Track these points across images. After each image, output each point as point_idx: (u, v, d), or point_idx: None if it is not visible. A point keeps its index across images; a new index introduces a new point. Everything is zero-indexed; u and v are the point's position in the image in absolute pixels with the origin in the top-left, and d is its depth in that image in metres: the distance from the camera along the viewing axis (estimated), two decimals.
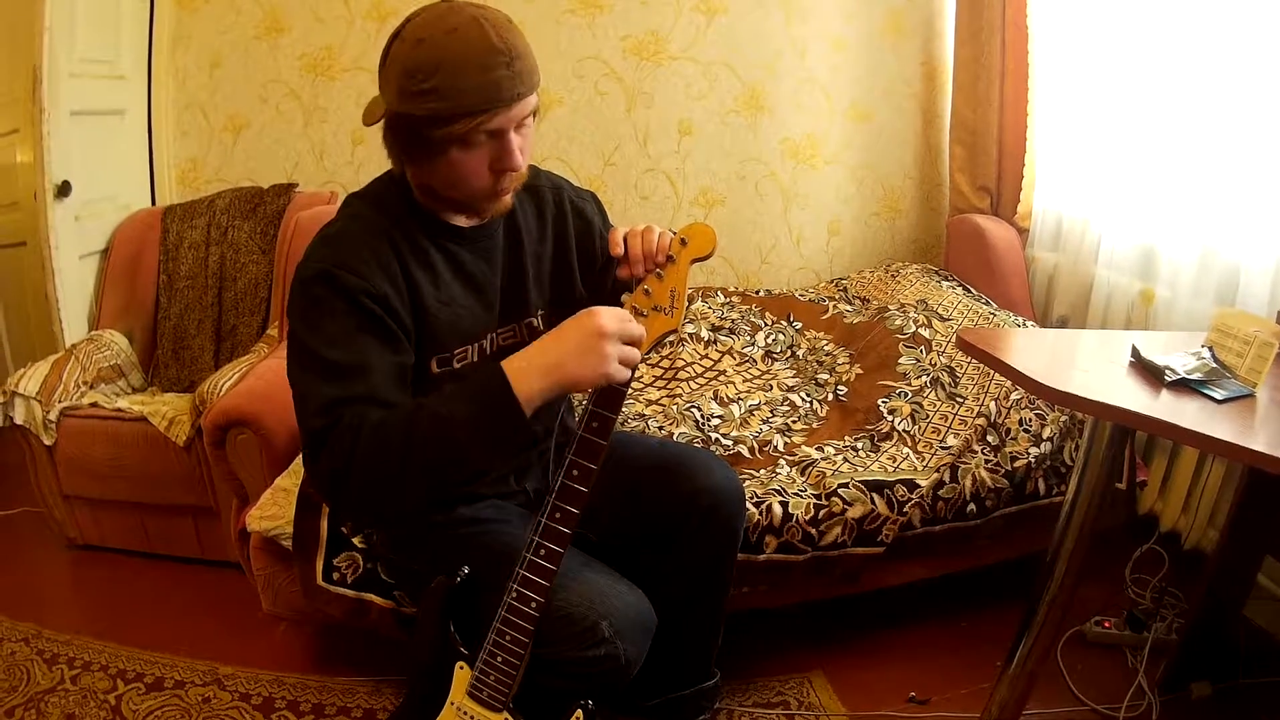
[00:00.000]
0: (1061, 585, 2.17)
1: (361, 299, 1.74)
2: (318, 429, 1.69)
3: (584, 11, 3.99)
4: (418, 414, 1.67)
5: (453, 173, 1.77)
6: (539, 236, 2.08)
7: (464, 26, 1.65)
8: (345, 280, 1.74)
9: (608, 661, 1.84)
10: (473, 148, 1.73)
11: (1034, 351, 2.35)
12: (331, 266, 1.75)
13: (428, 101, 1.66)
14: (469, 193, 1.82)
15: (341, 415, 1.67)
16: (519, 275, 2.05)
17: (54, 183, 3.47)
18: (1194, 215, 3.05)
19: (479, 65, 1.64)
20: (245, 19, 3.97)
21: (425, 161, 1.78)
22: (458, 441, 1.65)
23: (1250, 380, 1.98)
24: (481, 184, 1.80)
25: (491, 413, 1.65)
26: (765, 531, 2.55)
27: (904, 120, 4.35)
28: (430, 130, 1.69)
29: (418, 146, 1.75)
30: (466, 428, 1.64)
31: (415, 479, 1.66)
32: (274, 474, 2.75)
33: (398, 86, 1.69)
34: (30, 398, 3.22)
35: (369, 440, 1.64)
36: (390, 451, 1.64)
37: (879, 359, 3.37)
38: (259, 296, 3.82)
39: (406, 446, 1.64)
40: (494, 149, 1.75)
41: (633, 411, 3.28)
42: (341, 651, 2.86)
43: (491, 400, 1.66)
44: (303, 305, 1.77)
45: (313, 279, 1.75)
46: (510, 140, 1.75)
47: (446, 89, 1.65)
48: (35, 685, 2.68)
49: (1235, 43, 2.84)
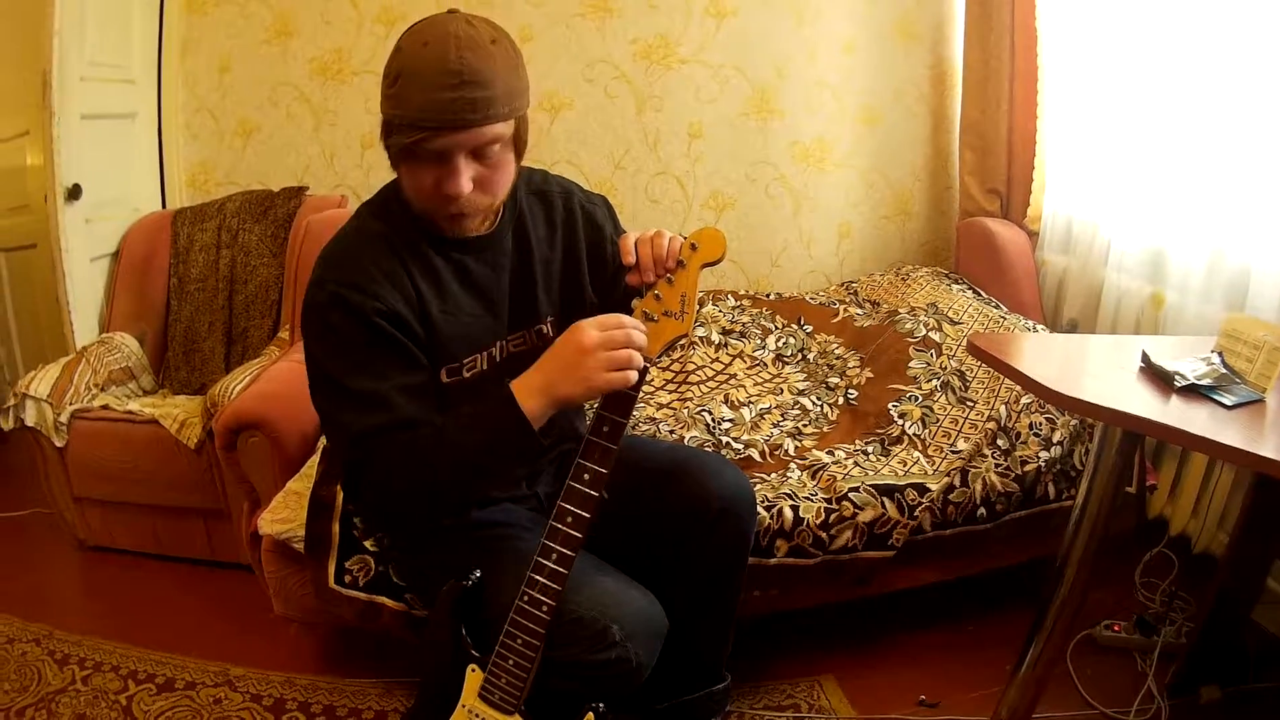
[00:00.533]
0: (1071, 589, 2.17)
1: (374, 319, 1.78)
2: (353, 461, 1.84)
3: (593, 15, 3.99)
4: (438, 442, 1.77)
5: (409, 184, 1.81)
6: (549, 243, 2.09)
7: (435, 41, 1.67)
8: (357, 301, 1.77)
9: (619, 665, 1.84)
10: (420, 163, 1.75)
11: (1044, 357, 2.35)
12: (342, 289, 1.78)
13: (390, 105, 1.71)
14: (424, 208, 1.84)
15: (373, 447, 1.79)
16: (528, 282, 2.05)
17: (64, 186, 3.48)
18: (1204, 219, 3.04)
19: (429, 83, 1.66)
20: (255, 23, 3.98)
21: (395, 166, 1.83)
22: (477, 465, 1.80)
23: (1260, 385, 1.98)
24: (427, 203, 1.81)
25: (504, 435, 1.76)
26: (776, 535, 2.55)
27: (914, 123, 4.35)
28: (390, 134, 1.74)
29: (387, 149, 1.79)
30: (483, 452, 1.78)
31: (445, 496, 1.87)
32: (285, 477, 2.75)
33: (382, 87, 1.75)
34: (41, 400, 3.23)
35: (400, 469, 1.80)
36: (420, 478, 1.80)
37: (889, 363, 3.37)
38: (270, 299, 3.83)
39: (434, 472, 1.78)
40: (438, 170, 1.75)
41: (643, 415, 3.28)
42: (353, 653, 2.86)
43: (500, 424, 1.76)
44: (318, 330, 1.82)
45: (326, 305, 1.79)
46: (457, 165, 1.74)
47: (400, 96, 1.68)
48: (47, 686, 2.69)
49: (1245, 47, 2.83)
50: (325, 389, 1.84)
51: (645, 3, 4.01)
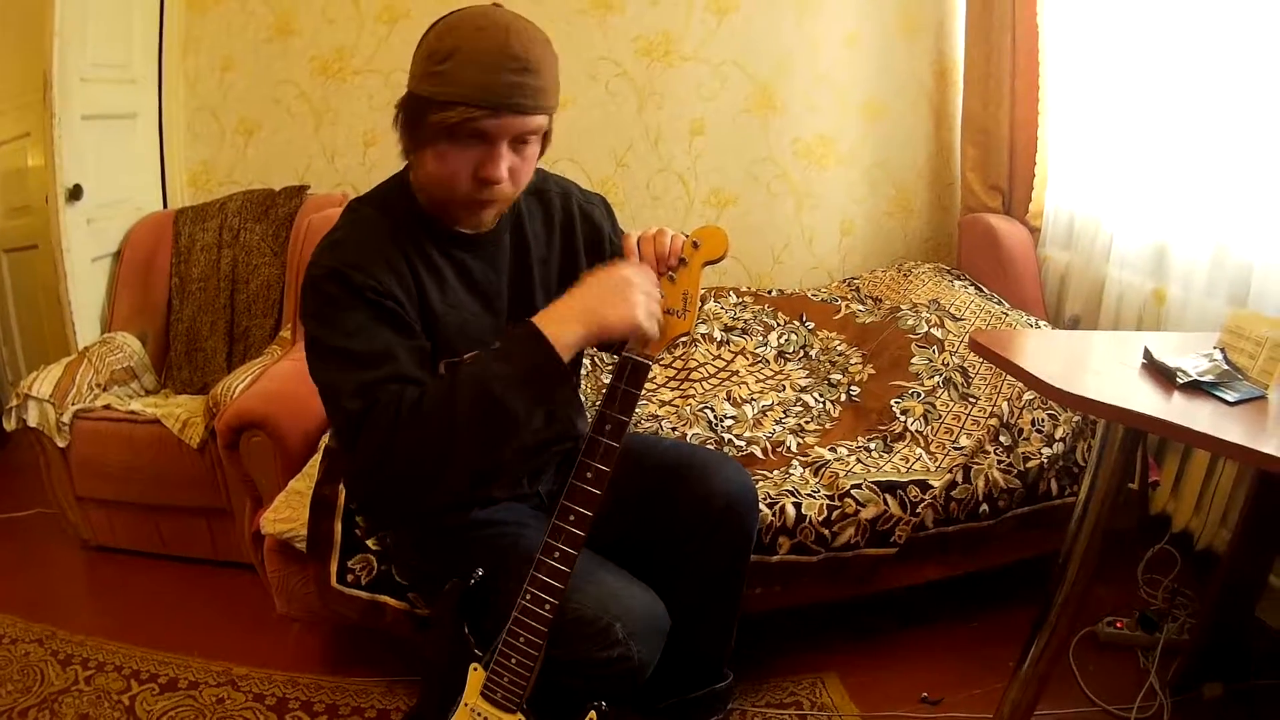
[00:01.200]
0: (1074, 586, 2.17)
1: (372, 295, 1.75)
2: (354, 411, 1.69)
3: (595, 12, 3.99)
4: (456, 381, 1.68)
5: (437, 167, 1.77)
6: (546, 242, 2.09)
7: (492, 28, 1.68)
8: (355, 278, 1.75)
9: (621, 663, 1.84)
10: (460, 144, 1.73)
11: (1046, 354, 2.35)
12: (341, 266, 1.76)
13: (434, 83, 1.69)
14: (448, 194, 1.82)
15: (377, 396, 1.69)
16: (526, 282, 2.05)
17: (66, 186, 3.49)
18: (1206, 214, 3.03)
19: (490, 64, 1.66)
20: (256, 21, 3.98)
21: (419, 149, 1.79)
22: (499, 399, 1.65)
23: (1262, 382, 1.98)
24: (461, 188, 1.79)
25: (530, 365, 1.68)
26: (778, 532, 2.55)
27: (916, 119, 4.35)
28: (427, 112, 1.71)
29: (415, 129, 1.76)
30: (507, 383, 1.66)
31: (461, 449, 1.68)
32: (288, 476, 2.75)
33: (417, 66, 1.73)
34: (43, 400, 3.23)
35: (410, 415, 1.66)
36: (434, 422, 1.66)
37: (892, 359, 3.37)
38: (271, 298, 3.83)
39: (451, 413, 1.65)
40: (480, 153, 1.75)
41: (646, 413, 3.28)
42: (355, 652, 2.86)
43: (529, 354, 1.68)
44: (316, 304, 1.78)
45: (323, 278, 1.76)
46: (499, 149, 1.75)
47: (452, 75, 1.67)
48: (49, 686, 2.69)
49: (1247, 41, 2.83)
50: (324, 358, 1.77)
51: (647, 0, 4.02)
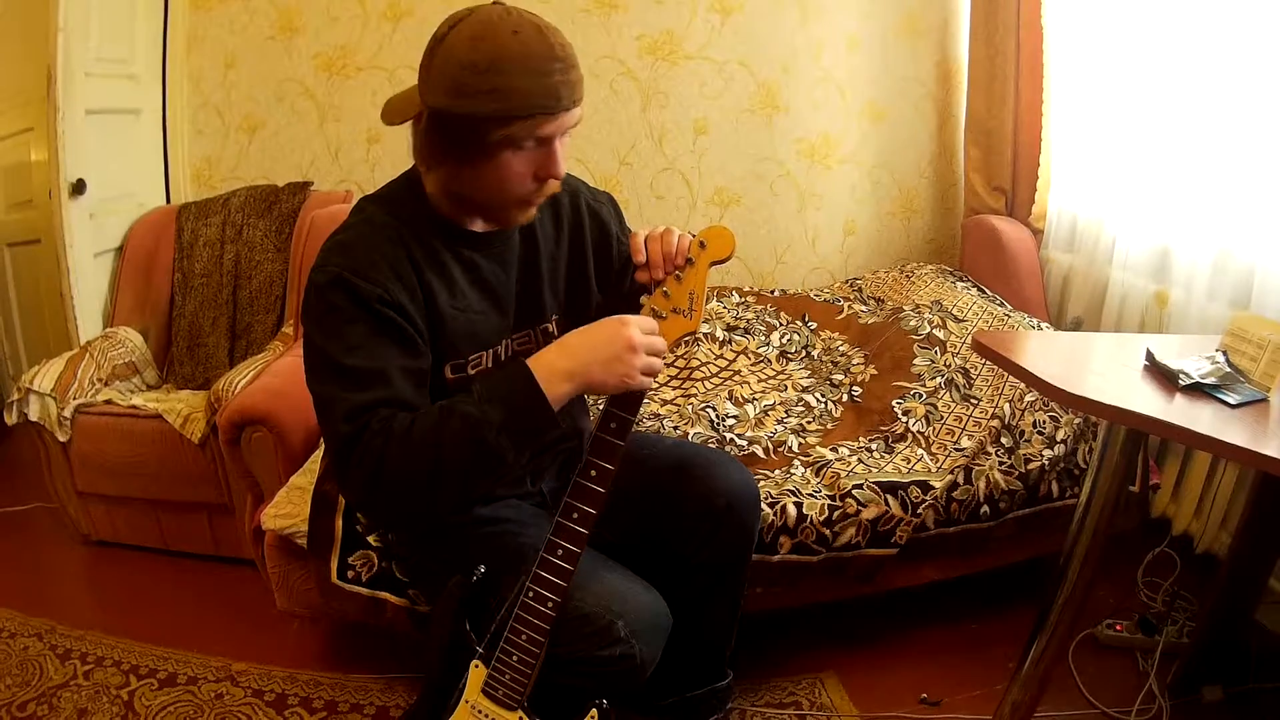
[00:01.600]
0: (1074, 588, 2.17)
1: (376, 306, 1.74)
2: (345, 435, 1.70)
3: (599, 11, 3.99)
4: (447, 416, 1.68)
5: (498, 176, 1.76)
6: (555, 241, 2.08)
7: (526, 30, 1.66)
8: (360, 287, 1.74)
9: (623, 661, 1.84)
10: (522, 152, 1.73)
11: (1049, 355, 2.35)
12: (346, 273, 1.74)
13: (485, 101, 1.65)
14: (507, 198, 1.82)
15: (368, 421, 1.69)
16: (534, 281, 2.05)
17: (69, 181, 3.49)
18: (1209, 217, 3.04)
19: (540, 70, 1.66)
20: (260, 18, 3.98)
21: (470, 163, 1.76)
22: (488, 443, 1.66)
23: (1264, 385, 1.98)
24: (523, 190, 1.80)
25: (521, 413, 1.69)
26: (780, 532, 2.55)
27: (919, 120, 4.35)
28: (483, 131, 1.68)
29: (467, 146, 1.73)
30: (497, 429, 1.67)
31: (448, 481, 1.70)
32: (289, 472, 2.76)
33: (451, 83, 1.66)
34: (45, 394, 3.23)
35: (399, 444, 1.67)
36: (422, 455, 1.67)
37: (894, 360, 3.37)
38: (274, 294, 3.83)
39: (438, 449, 1.66)
40: (540, 155, 1.75)
41: (648, 411, 3.28)
42: (355, 649, 2.86)
43: (521, 401, 1.69)
44: (319, 312, 1.77)
45: (328, 285, 1.75)
46: (557, 148, 1.76)
47: (506, 89, 1.64)
48: (48, 680, 2.69)
49: (1251, 45, 2.83)
50: (321, 369, 1.77)
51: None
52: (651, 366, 1.72)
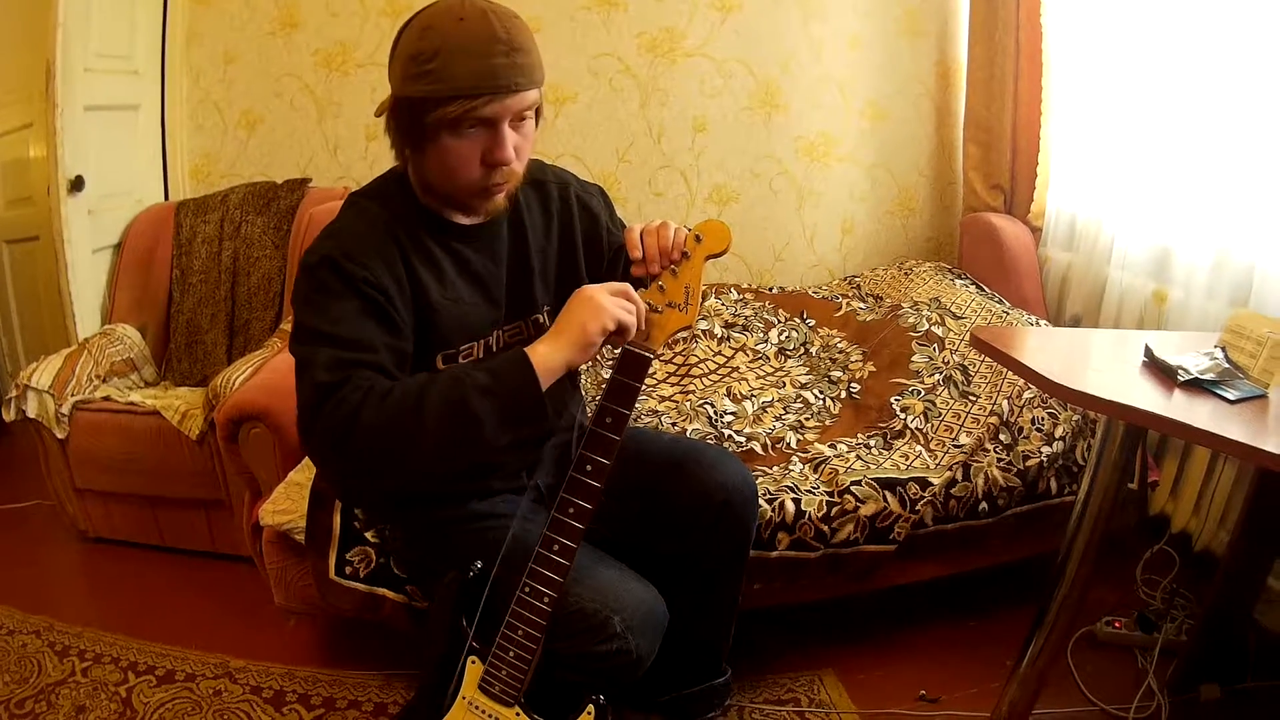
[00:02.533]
0: (1073, 585, 2.17)
1: (362, 286, 1.76)
2: (322, 383, 1.68)
3: (599, 8, 3.99)
4: (432, 378, 1.70)
5: (444, 162, 1.79)
6: (545, 233, 2.09)
7: (471, 17, 1.70)
8: (349, 268, 1.75)
9: (620, 656, 1.84)
10: (464, 136, 1.75)
11: (1047, 351, 2.35)
12: (335, 254, 1.77)
13: (425, 83, 1.70)
14: (459, 185, 1.83)
15: (350, 375, 1.68)
16: (524, 272, 2.05)
17: (67, 177, 3.49)
18: (1208, 216, 3.03)
19: (478, 51, 1.68)
20: (259, 14, 3.98)
21: (420, 149, 1.80)
22: (469, 404, 1.66)
23: (1263, 381, 1.97)
24: (471, 176, 1.81)
25: (505, 378, 1.69)
26: (778, 528, 2.55)
27: (918, 118, 4.35)
28: (425, 113, 1.72)
29: (413, 132, 1.77)
30: (481, 390, 1.66)
31: (422, 443, 1.67)
32: (287, 468, 2.75)
33: (401, 70, 1.74)
34: (43, 391, 3.23)
35: (378, 400, 1.66)
36: (400, 411, 1.65)
37: (892, 357, 3.37)
38: (272, 291, 3.83)
39: (418, 404, 1.66)
40: (486, 139, 1.77)
41: (646, 408, 3.28)
42: (353, 645, 2.86)
43: (505, 366, 1.70)
44: (307, 290, 1.79)
45: (317, 265, 1.77)
46: (503, 132, 1.77)
47: (443, 71, 1.68)
48: (46, 677, 2.69)
49: (1251, 43, 2.83)
50: (304, 336, 1.76)
51: None
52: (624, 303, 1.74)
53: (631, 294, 1.76)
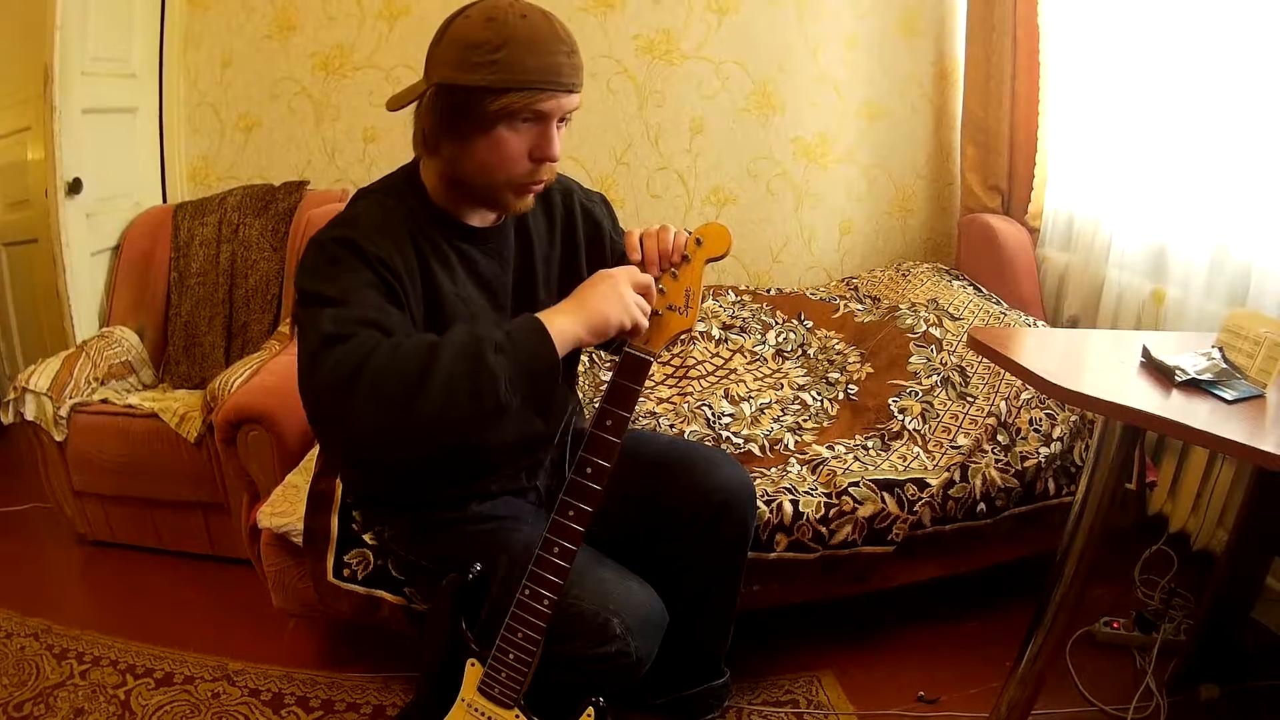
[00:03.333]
0: (1071, 585, 2.17)
1: (376, 265, 1.75)
2: (328, 333, 1.64)
3: (596, 10, 3.99)
4: (449, 332, 1.68)
5: (493, 153, 1.78)
6: (549, 239, 2.09)
7: (534, 14, 1.73)
8: (363, 245, 1.74)
9: (619, 658, 1.85)
10: (518, 129, 1.76)
11: (1045, 351, 2.35)
12: (351, 233, 1.76)
13: (489, 72, 1.69)
14: (502, 179, 1.82)
15: (357, 331, 1.64)
16: (529, 277, 2.06)
17: (65, 180, 3.48)
18: (1206, 215, 3.04)
19: (545, 48, 1.71)
20: (257, 17, 3.98)
21: (467, 139, 1.78)
22: (485, 359, 1.61)
23: (1261, 381, 1.98)
24: (518, 170, 1.80)
25: (521, 340, 1.66)
26: (776, 530, 2.55)
27: (916, 119, 4.35)
28: (484, 101, 1.71)
29: (464, 119, 1.75)
30: (495, 347, 1.62)
31: (432, 395, 1.58)
32: (285, 470, 2.76)
33: (457, 58, 1.71)
34: (41, 394, 3.23)
35: (389, 349, 1.61)
36: (412, 358, 1.60)
37: (890, 358, 3.37)
38: (270, 294, 3.83)
39: (432, 354, 1.60)
40: (536, 135, 1.78)
41: (644, 409, 3.28)
42: (351, 648, 2.86)
43: (521, 327, 1.68)
44: (315, 263, 1.76)
45: (329, 241, 1.76)
46: (553, 129, 1.78)
47: (509, 62, 1.69)
48: (45, 680, 2.69)
49: (1247, 42, 2.83)
50: (311, 304, 1.71)
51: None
52: (641, 302, 1.73)
53: (650, 289, 1.75)
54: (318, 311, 1.68)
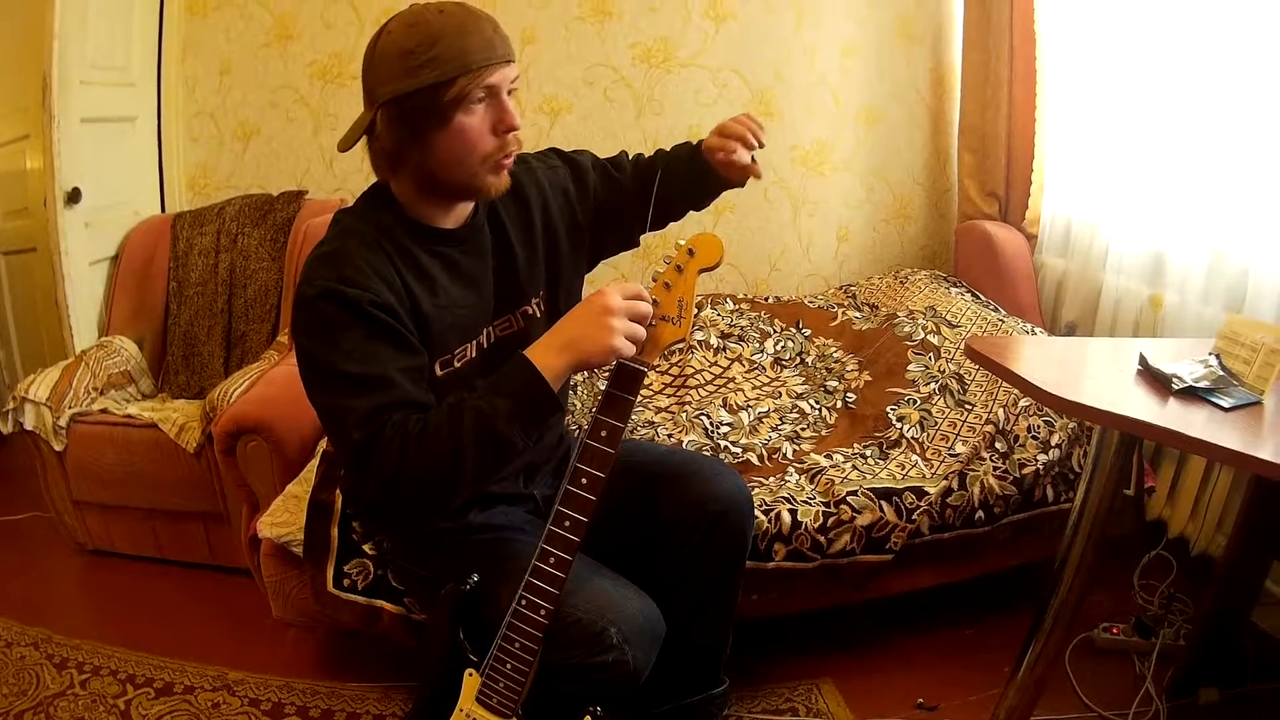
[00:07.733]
0: (1070, 591, 2.18)
1: (368, 309, 1.75)
2: (360, 442, 1.71)
3: (594, 19, 4.00)
4: (458, 414, 1.69)
5: (459, 141, 1.80)
6: (523, 223, 2.10)
7: (449, 6, 1.77)
8: (350, 294, 1.74)
9: (616, 668, 1.85)
10: (474, 112, 1.78)
11: (1042, 360, 2.35)
12: (334, 283, 1.75)
13: (432, 70, 1.72)
14: (476, 161, 1.83)
15: (381, 427, 1.70)
16: (510, 265, 2.07)
17: (64, 189, 3.49)
18: (1203, 221, 3.04)
19: (474, 29, 1.75)
20: (255, 26, 3.99)
21: (427, 141, 1.80)
22: (499, 432, 1.68)
23: (1257, 388, 1.98)
24: (487, 148, 1.82)
25: (523, 396, 1.70)
26: (774, 539, 2.55)
27: (913, 126, 4.35)
28: (437, 96, 1.74)
29: (422, 121, 1.78)
30: (506, 417, 1.68)
31: (465, 475, 1.70)
32: (285, 481, 2.76)
33: (395, 70, 1.74)
34: (40, 403, 3.23)
35: (416, 446, 1.68)
36: (440, 453, 1.68)
37: (888, 366, 3.37)
38: (269, 303, 3.83)
39: (455, 444, 1.67)
40: (493, 111, 1.80)
41: (642, 419, 3.28)
42: (351, 658, 2.86)
43: (520, 385, 1.71)
44: (310, 324, 1.78)
45: (318, 298, 1.76)
46: (506, 100, 1.81)
47: (448, 54, 1.72)
48: (45, 689, 2.69)
49: (1244, 48, 2.84)
50: (322, 382, 1.78)
51: (645, 6, 4.02)
52: (633, 333, 1.72)
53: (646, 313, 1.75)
54: (332, 404, 1.78)
